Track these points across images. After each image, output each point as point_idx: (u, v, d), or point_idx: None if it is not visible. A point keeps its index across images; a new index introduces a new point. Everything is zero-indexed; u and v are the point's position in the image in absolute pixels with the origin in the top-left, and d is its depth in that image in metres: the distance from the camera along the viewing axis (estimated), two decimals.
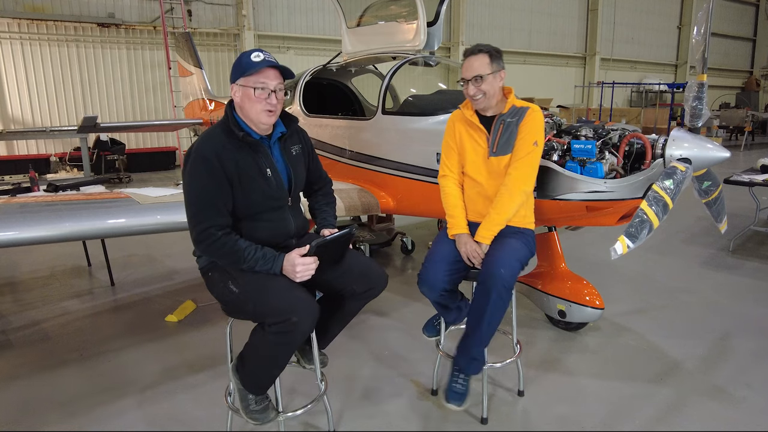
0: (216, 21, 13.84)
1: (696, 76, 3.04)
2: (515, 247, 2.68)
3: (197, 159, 2.20)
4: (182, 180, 2.27)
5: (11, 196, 4.15)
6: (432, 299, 2.82)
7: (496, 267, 2.56)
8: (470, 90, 2.77)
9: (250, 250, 2.19)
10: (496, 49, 2.80)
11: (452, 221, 2.85)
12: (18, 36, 11.61)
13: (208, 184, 2.18)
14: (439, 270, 2.74)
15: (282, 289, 2.16)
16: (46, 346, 3.68)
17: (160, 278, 5.05)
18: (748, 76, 28.79)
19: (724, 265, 5.32)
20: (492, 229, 2.72)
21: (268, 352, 2.22)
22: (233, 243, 2.19)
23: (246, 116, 2.29)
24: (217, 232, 2.18)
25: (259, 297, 2.17)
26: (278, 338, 2.13)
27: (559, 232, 3.96)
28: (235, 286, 2.23)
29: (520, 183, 2.73)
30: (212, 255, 2.26)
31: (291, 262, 2.20)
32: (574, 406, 2.90)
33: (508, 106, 2.82)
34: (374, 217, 5.65)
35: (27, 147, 12.09)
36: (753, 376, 3.19)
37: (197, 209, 2.20)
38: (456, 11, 17.50)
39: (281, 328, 2.10)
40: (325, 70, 5.32)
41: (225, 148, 2.22)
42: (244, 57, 2.26)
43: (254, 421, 2.31)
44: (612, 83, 18.23)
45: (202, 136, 2.30)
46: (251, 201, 2.28)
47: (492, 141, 2.79)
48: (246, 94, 2.24)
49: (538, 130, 2.78)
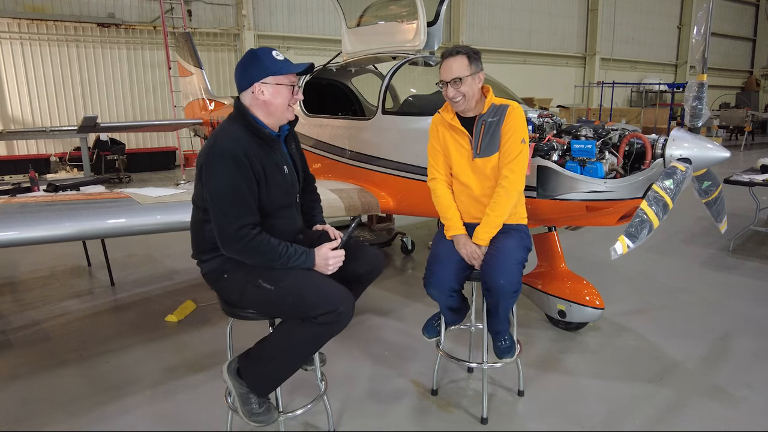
0: (216, 21, 13.84)
1: (696, 76, 3.04)
2: (511, 249, 2.68)
3: (225, 158, 2.16)
4: (205, 180, 2.19)
5: (11, 196, 4.15)
6: (441, 301, 2.82)
7: (496, 278, 2.59)
8: (449, 92, 2.75)
9: (282, 246, 2.21)
10: (475, 50, 2.79)
11: (448, 223, 2.85)
12: (18, 36, 11.61)
13: (240, 182, 2.16)
14: (447, 270, 2.74)
15: (322, 282, 2.24)
16: (46, 346, 3.68)
17: (160, 278, 5.05)
18: (748, 76, 28.80)
19: (724, 265, 5.32)
20: (490, 231, 2.73)
21: (301, 345, 2.24)
22: (268, 241, 2.19)
23: (270, 113, 2.31)
24: (252, 231, 2.17)
25: (301, 291, 2.19)
26: (323, 329, 2.18)
27: (559, 232, 3.95)
28: (268, 284, 2.22)
29: (517, 184, 2.74)
30: (246, 255, 2.21)
31: (323, 256, 2.27)
32: (574, 406, 2.90)
33: (487, 106, 2.81)
34: (374, 217, 5.65)
35: (27, 147, 12.10)
36: (753, 376, 3.19)
37: (229, 208, 2.16)
38: (456, 11, 17.50)
39: (329, 318, 2.15)
40: (325, 70, 5.32)
41: (250, 146, 2.22)
42: (265, 56, 2.27)
43: (258, 423, 2.29)
44: (612, 83, 18.23)
45: (222, 135, 2.23)
46: (273, 197, 2.29)
47: (475, 143, 2.79)
48: (277, 91, 2.27)
49: (523, 128, 2.78)
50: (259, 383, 2.31)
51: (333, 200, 4.06)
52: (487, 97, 2.83)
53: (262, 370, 2.30)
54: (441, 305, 2.86)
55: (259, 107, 2.30)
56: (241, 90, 2.31)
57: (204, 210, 2.28)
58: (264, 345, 2.32)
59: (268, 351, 2.29)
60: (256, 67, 2.27)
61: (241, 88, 2.31)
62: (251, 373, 2.31)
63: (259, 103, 2.29)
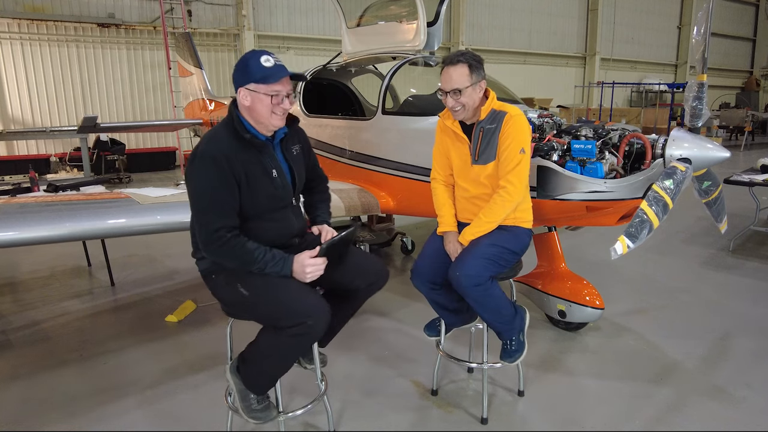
0: (216, 21, 13.83)
1: (696, 76, 3.04)
2: (481, 246, 2.66)
3: (205, 160, 2.16)
4: (187, 182, 2.22)
5: (11, 196, 4.15)
6: (424, 293, 2.84)
7: (453, 270, 2.61)
8: (449, 102, 2.71)
9: (260, 251, 2.19)
10: (477, 58, 2.71)
11: (440, 220, 2.90)
12: (18, 36, 11.60)
13: (217, 185, 2.15)
14: (427, 263, 2.79)
15: (295, 292, 2.18)
16: (46, 346, 3.68)
17: (160, 278, 5.05)
18: (748, 76, 28.79)
19: (724, 265, 5.32)
20: (475, 233, 2.72)
21: (278, 353, 2.23)
22: (243, 245, 2.18)
23: (255, 119, 2.27)
24: (227, 234, 2.16)
25: (271, 300, 2.17)
26: (293, 340, 2.16)
27: (559, 232, 3.95)
28: (245, 289, 2.22)
29: (515, 195, 2.69)
30: (222, 257, 2.21)
31: (301, 264, 2.21)
32: (574, 406, 2.90)
33: (486, 111, 2.74)
34: (374, 217, 5.64)
35: (27, 147, 12.09)
36: (753, 376, 3.19)
37: (206, 211, 2.17)
38: (456, 11, 17.49)
39: (297, 330, 2.12)
40: (325, 70, 5.32)
41: (232, 149, 2.20)
42: (253, 61, 2.20)
43: (257, 420, 2.31)
44: (612, 83, 18.23)
45: (207, 138, 2.26)
46: (258, 202, 2.28)
47: (473, 149, 2.77)
48: (258, 98, 2.21)
49: (522, 136, 2.69)
50: (254, 382, 2.32)
51: (333, 200, 4.05)
52: (487, 102, 2.74)
53: (252, 370, 2.32)
54: (427, 299, 2.87)
55: (246, 112, 2.28)
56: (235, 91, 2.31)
57: None
58: (252, 347, 2.32)
59: (255, 353, 2.30)
60: (241, 72, 2.24)
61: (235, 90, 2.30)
62: (244, 372, 2.34)
63: (244, 108, 2.27)
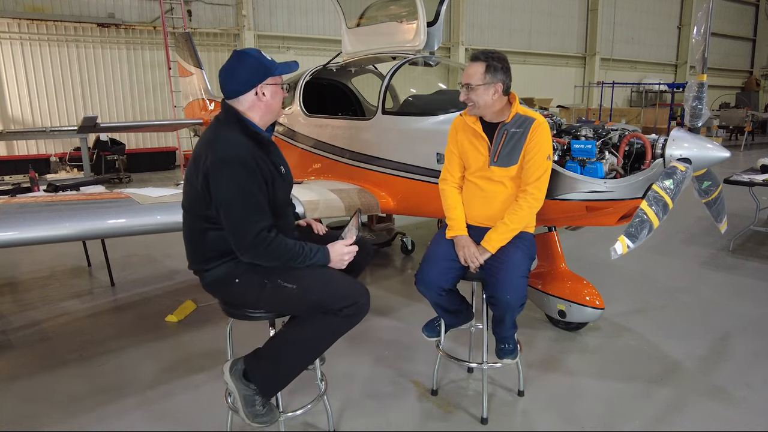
0: (216, 21, 13.83)
1: (696, 76, 3.03)
2: (517, 263, 2.64)
3: (234, 164, 2.13)
4: (216, 188, 2.14)
5: (11, 196, 4.15)
6: (430, 299, 2.82)
7: (503, 294, 2.58)
8: (462, 95, 2.75)
9: (298, 246, 2.24)
10: (500, 58, 2.70)
11: (451, 223, 2.85)
12: (18, 36, 11.60)
13: (252, 186, 2.16)
14: (436, 269, 2.75)
15: (341, 278, 2.33)
16: (46, 346, 3.68)
17: (160, 278, 5.05)
18: (748, 76, 28.78)
19: (724, 265, 5.32)
20: (502, 240, 2.70)
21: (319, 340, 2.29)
22: (285, 242, 2.22)
23: (268, 114, 2.34)
24: (269, 234, 2.18)
25: (323, 287, 2.26)
26: (346, 321, 2.27)
27: (559, 232, 3.95)
28: (289, 283, 2.24)
29: (541, 202, 2.75)
30: (268, 257, 2.20)
31: (339, 252, 2.34)
32: (574, 406, 2.90)
33: (512, 114, 2.76)
34: (374, 217, 5.65)
35: (27, 147, 12.08)
36: (753, 376, 3.19)
37: (245, 214, 2.15)
38: (456, 11, 17.49)
39: (352, 310, 2.24)
40: (325, 70, 5.32)
41: (253, 150, 2.21)
42: (262, 58, 2.29)
43: (262, 424, 2.27)
44: (612, 83, 18.24)
45: (227, 142, 2.19)
46: (277, 198, 2.31)
47: (494, 150, 2.75)
48: (276, 92, 2.32)
49: (548, 144, 2.74)
50: (267, 383, 2.30)
51: (333, 200, 4.06)
52: (513, 106, 2.77)
53: (273, 368, 2.30)
54: (431, 303, 2.86)
55: (259, 109, 2.29)
56: (239, 94, 2.26)
57: (205, 218, 2.24)
58: (276, 342, 2.31)
59: (281, 347, 2.29)
60: (254, 71, 2.25)
61: (237, 92, 2.26)
62: (261, 372, 2.30)
63: (260, 105, 2.28)
